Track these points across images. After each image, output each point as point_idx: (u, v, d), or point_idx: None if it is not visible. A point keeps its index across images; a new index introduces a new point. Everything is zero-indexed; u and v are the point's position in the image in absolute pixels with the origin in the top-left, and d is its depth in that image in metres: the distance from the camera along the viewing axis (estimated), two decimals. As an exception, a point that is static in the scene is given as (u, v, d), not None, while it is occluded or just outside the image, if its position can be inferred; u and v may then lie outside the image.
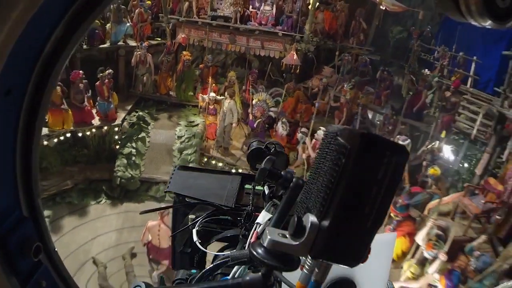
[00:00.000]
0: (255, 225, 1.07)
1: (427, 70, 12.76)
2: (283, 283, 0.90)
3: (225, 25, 12.33)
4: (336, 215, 0.64)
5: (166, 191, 1.55)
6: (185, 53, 11.51)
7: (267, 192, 1.20)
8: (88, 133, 10.02)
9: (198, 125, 10.97)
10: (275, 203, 1.13)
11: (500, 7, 0.62)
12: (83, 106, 9.64)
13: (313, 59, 12.57)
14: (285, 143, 9.86)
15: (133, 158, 10.06)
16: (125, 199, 9.59)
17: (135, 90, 11.79)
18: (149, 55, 11.28)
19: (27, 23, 0.63)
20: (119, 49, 11.54)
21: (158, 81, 11.81)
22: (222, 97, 10.56)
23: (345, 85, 11.34)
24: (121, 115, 10.77)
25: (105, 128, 10.29)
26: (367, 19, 13.48)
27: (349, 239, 0.65)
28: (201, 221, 1.39)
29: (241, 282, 0.86)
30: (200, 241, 1.29)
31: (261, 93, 10.82)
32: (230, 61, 13.91)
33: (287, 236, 0.70)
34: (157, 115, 11.63)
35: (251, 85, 11.25)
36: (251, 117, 10.77)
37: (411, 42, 14.34)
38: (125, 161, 9.94)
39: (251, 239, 1.06)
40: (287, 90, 11.57)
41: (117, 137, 10.52)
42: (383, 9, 12.96)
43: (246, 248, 1.09)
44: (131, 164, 9.93)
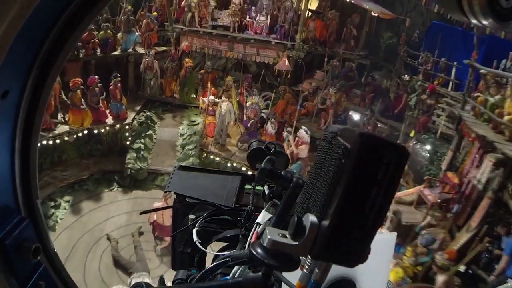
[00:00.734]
0: (255, 225, 1.06)
1: (406, 76, 13.75)
2: (283, 283, 0.89)
3: (224, 34, 13.29)
4: (336, 215, 0.62)
5: (165, 191, 1.54)
6: (187, 60, 12.62)
7: (267, 192, 1.18)
8: (102, 131, 11.05)
9: (198, 124, 12.03)
10: (275, 203, 1.12)
11: (503, 7, 0.60)
12: (98, 107, 10.75)
13: (302, 65, 13.58)
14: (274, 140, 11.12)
15: (142, 152, 11.05)
16: (134, 187, 10.60)
17: (143, 92, 12.80)
18: (156, 61, 12.35)
19: (23, 25, 0.62)
20: (129, 56, 12.61)
21: (163, 85, 12.86)
22: (219, 100, 11.72)
23: (330, 89, 12.49)
24: (131, 115, 11.71)
25: (117, 126, 11.28)
26: (359, 25, 14.26)
27: (349, 239, 0.63)
28: (201, 221, 1.38)
29: (241, 282, 0.85)
30: (200, 241, 1.29)
31: (254, 96, 12.05)
32: (230, 66, 14.78)
33: (287, 236, 0.68)
34: (162, 115, 12.60)
35: (245, 89, 12.35)
36: (245, 118, 11.89)
37: (398, 47, 15.36)
38: (135, 155, 10.91)
39: (251, 239, 1.05)
40: (279, 92, 12.77)
41: (127, 134, 11.45)
42: (375, 15, 13.84)
43: (246, 248, 1.09)
44: (139, 157, 10.92)
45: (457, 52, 13.45)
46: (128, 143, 11.39)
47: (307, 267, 0.72)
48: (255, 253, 0.73)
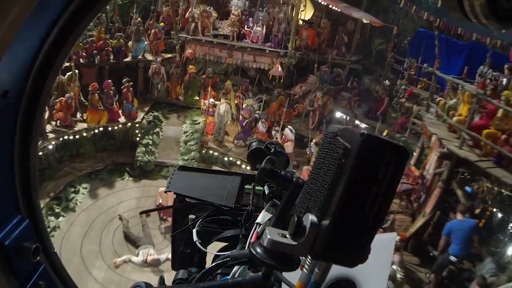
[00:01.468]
0: (255, 225, 1.07)
1: (387, 81, 15.04)
2: (283, 283, 0.89)
3: (224, 42, 14.69)
4: (336, 215, 0.62)
5: (166, 191, 1.53)
6: (191, 66, 14.06)
7: (267, 192, 1.18)
8: (115, 128, 12.46)
9: (200, 123, 13.42)
10: (275, 203, 1.12)
11: (504, 9, 0.60)
12: (112, 107, 12.21)
13: (293, 71, 14.94)
14: (265, 138, 12.60)
15: (150, 147, 12.28)
16: (143, 177, 11.80)
17: (151, 95, 14.11)
18: (162, 67, 13.81)
19: (23, 25, 0.62)
20: (139, 62, 14.04)
21: (169, 88, 14.26)
22: (218, 102, 13.15)
23: (318, 93, 13.89)
24: (141, 114, 13.03)
25: (129, 124, 12.58)
26: (352, 32, 15.49)
27: (349, 239, 0.64)
28: (201, 221, 1.38)
29: (241, 282, 0.85)
30: (200, 241, 1.29)
31: (249, 99, 13.55)
32: (230, 70, 16.10)
33: (287, 236, 0.68)
34: (168, 115, 13.91)
35: (242, 93, 13.80)
36: (241, 118, 13.31)
37: (386, 53, 16.62)
38: (144, 149, 12.14)
39: (251, 239, 1.05)
40: (273, 95, 14.22)
41: (137, 131, 12.67)
42: (367, 22, 15.02)
43: (246, 248, 1.09)
44: (148, 151, 12.14)
45: (440, 58, 14.72)
46: (138, 139, 12.61)
47: (307, 267, 0.72)
48: (255, 253, 0.73)
